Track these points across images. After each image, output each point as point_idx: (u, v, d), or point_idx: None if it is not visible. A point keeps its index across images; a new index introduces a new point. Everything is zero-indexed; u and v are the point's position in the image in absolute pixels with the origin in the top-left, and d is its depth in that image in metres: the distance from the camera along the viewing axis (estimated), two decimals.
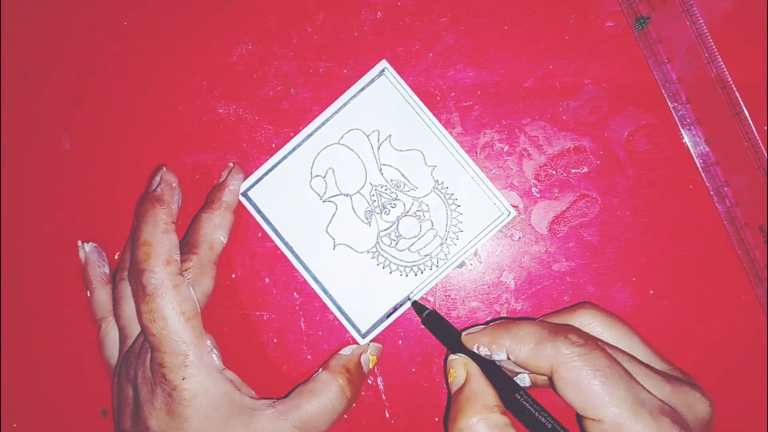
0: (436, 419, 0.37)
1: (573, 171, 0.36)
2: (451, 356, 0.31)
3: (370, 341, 0.37)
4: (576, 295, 0.36)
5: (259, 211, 0.37)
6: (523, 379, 0.32)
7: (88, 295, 0.39)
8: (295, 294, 0.38)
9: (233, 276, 0.38)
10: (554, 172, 0.37)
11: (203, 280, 0.34)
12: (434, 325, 0.34)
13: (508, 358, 0.29)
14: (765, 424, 0.35)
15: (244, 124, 0.38)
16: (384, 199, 0.37)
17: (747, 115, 0.34)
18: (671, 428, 0.25)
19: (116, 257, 0.40)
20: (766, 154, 0.34)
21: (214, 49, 0.39)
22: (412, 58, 0.37)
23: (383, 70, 0.37)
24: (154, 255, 0.32)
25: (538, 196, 0.37)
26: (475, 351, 0.31)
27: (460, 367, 0.31)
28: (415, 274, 0.37)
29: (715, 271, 0.36)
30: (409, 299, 0.37)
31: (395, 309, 0.37)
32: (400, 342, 0.38)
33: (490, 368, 0.30)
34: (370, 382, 0.38)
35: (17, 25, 0.41)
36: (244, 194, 0.37)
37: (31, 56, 0.41)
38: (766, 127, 0.35)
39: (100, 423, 0.40)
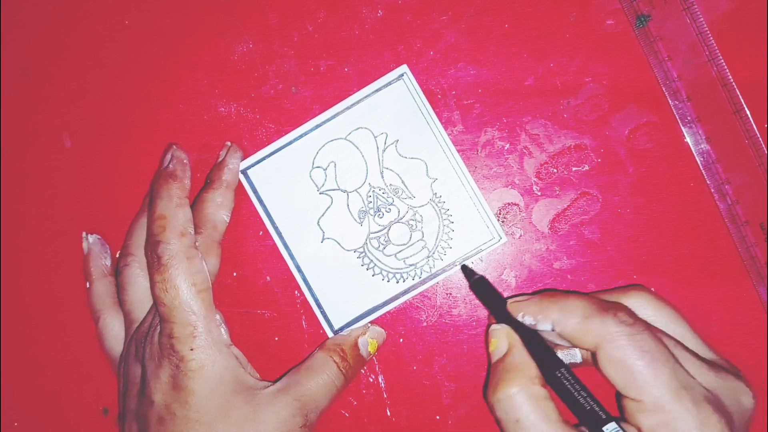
0: (438, 417, 0.37)
1: (574, 169, 0.36)
2: (494, 326, 0.31)
3: (369, 323, 0.37)
4: None
5: (255, 191, 0.37)
6: (575, 355, 0.32)
7: (87, 286, 0.39)
8: (296, 292, 0.38)
9: (234, 274, 0.38)
10: (555, 170, 0.37)
11: (209, 259, 0.35)
12: (481, 291, 0.34)
13: (553, 330, 0.29)
14: (765, 423, 0.35)
15: (245, 122, 0.38)
16: (380, 202, 0.37)
17: (747, 112, 0.34)
18: (712, 415, 0.25)
19: (117, 256, 0.40)
20: (766, 152, 0.34)
21: (215, 47, 0.39)
22: (412, 57, 0.37)
23: (402, 75, 0.37)
24: (169, 227, 0.33)
25: (539, 194, 0.37)
26: (520, 320, 0.31)
27: (502, 337, 0.30)
28: (397, 282, 0.37)
29: (716, 269, 0.36)
30: (456, 264, 0.36)
31: (371, 311, 0.37)
32: (401, 340, 0.38)
33: (533, 340, 0.30)
34: (371, 380, 0.38)
35: (18, 23, 0.41)
36: (243, 172, 0.38)
37: (32, 54, 0.41)
38: (766, 125, 0.35)
39: (100, 421, 0.40)
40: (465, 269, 0.36)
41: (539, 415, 0.27)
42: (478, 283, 0.35)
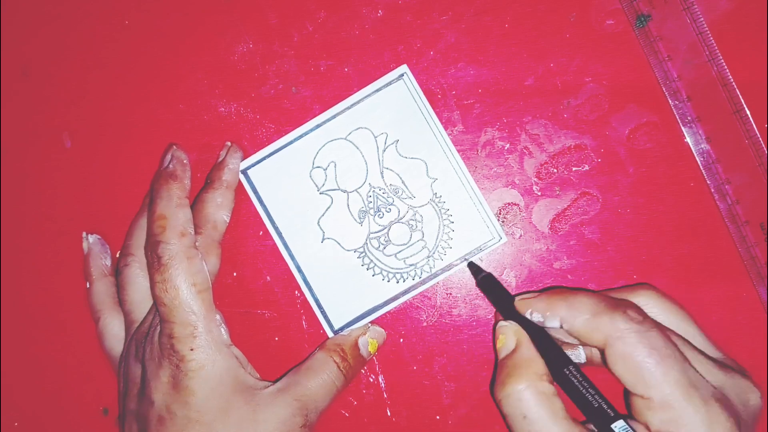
0: (438, 417, 0.37)
1: (574, 169, 0.36)
2: (501, 322, 0.31)
3: (370, 323, 0.37)
4: None
5: (255, 191, 0.38)
6: (578, 355, 0.32)
7: (87, 286, 0.39)
8: (296, 292, 0.38)
9: (234, 274, 0.38)
10: (555, 170, 0.37)
11: (209, 259, 0.35)
12: (488, 288, 0.34)
13: (561, 327, 0.29)
14: (765, 424, 0.35)
15: (245, 122, 0.38)
16: (380, 202, 0.37)
17: (748, 112, 0.34)
18: (721, 413, 0.25)
19: (117, 256, 0.40)
20: (766, 152, 0.34)
21: (215, 47, 0.39)
22: (412, 56, 0.37)
23: (402, 75, 0.37)
24: (169, 227, 0.33)
25: (539, 194, 0.37)
26: (528, 317, 0.31)
27: (510, 334, 0.30)
28: (397, 282, 0.37)
29: (716, 269, 0.36)
30: (465, 260, 0.36)
31: (371, 311, 0.37)
32: (401, 340, 0.38)
33: (541, 337, 0.30)
34: (371, 380, 0.38)
35: (18, 23, 0.41)
36: (243, 172, 0.38)
37: (32, 54, 0.41)
38: (766, 125, 0.35)
39: (100, 421, 0.40)
40: (472, 266, 0.36)
41: (546, 411, 0.27)
42: (485, 281, 0.35)
